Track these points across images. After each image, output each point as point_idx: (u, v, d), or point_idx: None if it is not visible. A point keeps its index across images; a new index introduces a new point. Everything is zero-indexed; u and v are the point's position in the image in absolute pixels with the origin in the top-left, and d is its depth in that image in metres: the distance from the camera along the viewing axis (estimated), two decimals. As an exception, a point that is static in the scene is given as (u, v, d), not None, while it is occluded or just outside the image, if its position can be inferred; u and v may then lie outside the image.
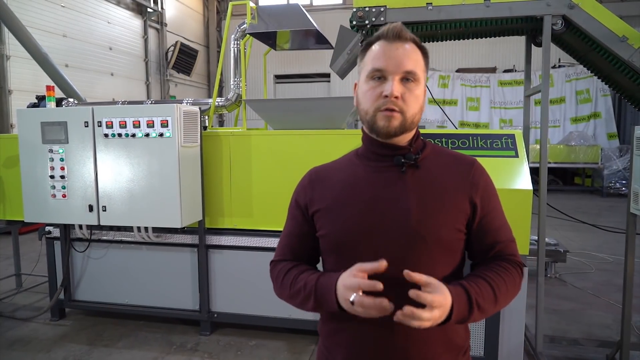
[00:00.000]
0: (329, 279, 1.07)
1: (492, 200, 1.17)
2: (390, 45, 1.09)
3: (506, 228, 1.20)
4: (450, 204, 1.11)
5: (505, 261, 1.15)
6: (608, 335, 3.59)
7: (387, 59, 1.08)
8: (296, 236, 1.24)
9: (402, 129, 1.10)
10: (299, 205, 1.23)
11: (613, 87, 3.35)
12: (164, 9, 13.07)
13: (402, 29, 1.10)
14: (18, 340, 3.58)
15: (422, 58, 1.12)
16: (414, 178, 1.13)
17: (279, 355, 3.33)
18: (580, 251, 6.09)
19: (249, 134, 3.45)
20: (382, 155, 1.15)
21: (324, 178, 1.21)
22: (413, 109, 1.10)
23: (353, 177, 1.17)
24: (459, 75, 14.06)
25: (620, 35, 2.86)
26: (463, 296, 1.01)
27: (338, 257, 1.15)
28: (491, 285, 1.07)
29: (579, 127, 13.02)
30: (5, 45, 7.98)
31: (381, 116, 1.09)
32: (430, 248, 1.08)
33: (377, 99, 1.09)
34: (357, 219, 1.11)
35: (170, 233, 3.57)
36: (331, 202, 1.16)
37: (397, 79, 1.08)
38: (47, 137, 3.32)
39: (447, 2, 3.05)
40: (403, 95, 1.08)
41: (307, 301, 1.11)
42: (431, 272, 1.04)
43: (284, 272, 1.20)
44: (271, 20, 3.58)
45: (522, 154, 2.92)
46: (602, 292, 4.59)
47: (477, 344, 2.90)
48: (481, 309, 1.04)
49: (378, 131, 1.11)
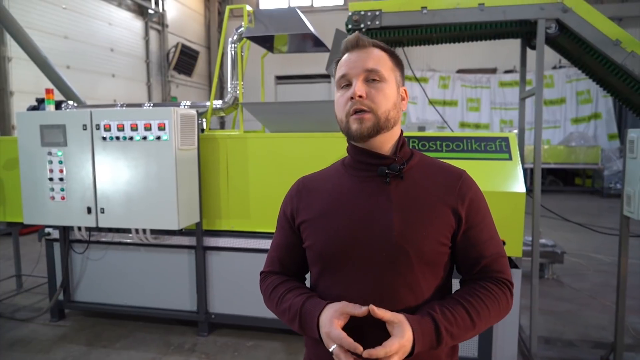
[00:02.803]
0: (313, 309, 1.07)
1: (479, 213, 1.13)
2: (351, 53, 1.12)
3: (494, 242, 1.14)
4: (434, 217, 1.09)
5: (491, 281, 1.11)
6: (603, 337, 3.60)
7: (349, 64, 1.11)
8: (284, 247, 1.24)
9: (377, 128, 1.08)
10: (286, 216, 1.23)
11: (608, 90, 3.36)
12: (165, 10, 13.12)
13: (359, 37, 1.12)
14: (18, 341, 3.61)
15: (387, 58, 1.13)
16: (398, 189, 1.11)
17: (275, 356, 3.36)
18: (578, 252, 6.10)
19: (245, 137, 3.48)
20: (367, 165, 1.14)
21: (311, 188, 1.21)
22: (384, 107, 1.08)
23: (339, 188, 1.16)
24: (459, 76, 14.08)
25: (613, 39, 2.88)
26: (429, 328, 1.00)
27: (322, 268, 1.15)
28: (468, 312, 1.05)
29: (579, 127, 13.03)
30: (7, 47, 8.03)
31: (352, 119, 1.09)
32: (412, 262, 1.06)
33: (345, 104, 1.10)
34: (340, 231, 1.10)
35: (168, 235, 3.61)
36: (317, 213, 1.15)
37: (360, 79, 1.08)
38: (46, 139, 3.36)
39: (441, 6, 3.08)
40: (369, 94, 1.08)
41: (292, 323, 1.12)
42: (414, 285, 1.06)
43: (272, 288, 1.21)
44: (268, 24, 3.61)
45: (516, 156, 2.94)
46: (598, 293, 4.61)
47: (471, 346, 2.92)
48: (454, 336, 1.02)
49: (353, 135, 1.10)
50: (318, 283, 1.18)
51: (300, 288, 1.19)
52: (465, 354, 2.93)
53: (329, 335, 1.00)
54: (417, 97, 14.16)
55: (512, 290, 1.13)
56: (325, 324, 1.01)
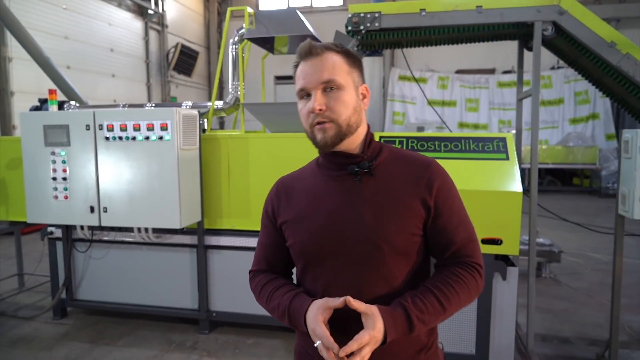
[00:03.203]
0: (299, 307, 1.13)
1: (447, 200, 1.17)
2: (305, 63, 1.15)
3: (464, 228, 1.19)
4: (404, 210, 1.14)
5: (461, 265, 1.17)
6: (599, 334, 3.65)
7: (305, 76, 1.14)
8: (269, 246, 1.30)
9: (340, 136, 1.13)
10: (268, 216, 1.29)
11: (603, 91, 3.42)
12: (164, 10, 13.15)
13: (311, 45, 1.14)
14: (21, 339, 3.65)
15: (342, 62, 1.14)
16: (368, 186, 1.16)
17: (275, 353, 3.40)
18: (576, 252, 6.16)
19: (246, 137, 3.53)
20: (337, 164, 1.19)
21: (289, 188, 1.26)
22: (344, 114, 1.12)
23: (314, 187, 1.22)
24: (458, 76, 14.14)
25: (608, 41, 2.93)
26: (401, 317, 1.07)
27: (305, 265, 1.22)
28: (438, 298, 1.11)
29: (577, 128, 13.09)
30: (8, 48, 8.06)
31: (316, 130, 1.14)
32: (385, 255, 1.12)
33: (308, 116, 1.14)
34: (319, 229, 1.16)
35: (170, 234, 3.65)
36: (296, 214, 1.21)
37: (318, 92, 1.12)
38: (49, 139, 3.40)
39: (440, 9, 3.13)
40: (328, 105, 1.12)
41: (282, 319, 1.19)
42: (388, 276, 1.14)
43: (260, 286, 1.27)
44: (269, 26, 3.66)
45: (513, 156, 2.98)
46: (595, 292, 4.66)
47: (469, 342, 2.96)
48: (425, 322, 1.10)
49: (318, 145, 1.16)
50: (304, 278, 1.24)
51: (287, 285, 1.24)
52: (463, 350, 2.98)
53: (314, 332, 1.07)
54: (416, 98, 14.22)
55: (481, 272, 1.19)
56: (310, 321, 1.08)
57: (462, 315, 2.96)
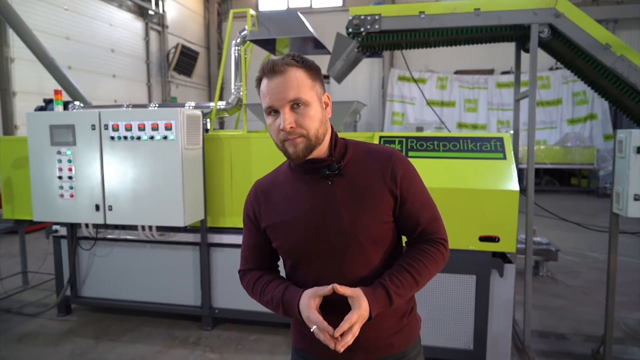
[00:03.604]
0: (292, 298, 1.25)
1: (411, 187, 1.30)
2: (270, 81, 1.20)
3: (427, 208, 1.33)
4: (375, 201, 1.27)
5: (427, 242, 1.33)
6: (595, 331, 3.72)
7: (272, 95, 1.19)
8: (254, 247, 1.41)
9: (310, 148, 1.22)
10: (250, 219, 1.40)
11: (599, 92, 3.48)
12: (165, 11, 13.22)
13: (275, 63, 1.20)
14: (26, 335, 3.71)
15: (305, 76, 1.21)
16: (340, 186, 1.28)
17: (277, 349, 3.47)
18: (573, 250, 6.23)
19: (249, 137, 3.59)
20: (310, 170, 1.29)
21: (266, 193, 1.36)
22: (313, 128, 1.21)
23: (291, 192, 1.32)
24: (457, 77, 14.22)
25: (603, 43, 3.00)
26: (381, 295, 1.22)
27: (294, 263, 1.35)
28: (411, 273, 1.27)
29: (575, 128, 13.18)
30: (10, 48, 8.12)
31: (288, 144, 1.22)
32: (363, 245, 1.27)
33: (278, 132, 1.22)
34: (300, 230, 1.29)
35: (174, 232, 3.71)
36: (278, 219, 1.32)
37: (286, 110, 1.19)
38: (55, 139, 3.46)
39: (439, 11, 3.19)
40: (297, 121, 1.19)
41: (276, 311, 1.31)
42: (368, 261, 1.29)
43: (252, 283, 1.38)
44: (270, 27, 3.72)
45: (510, 156, 3.05)
46: (591, 289, 4.73)
47: (467, 337, 3.03)
48: (402, 295, 1.25)
49: (291, 157, 1.25)
50: (294, 274, 1.36)
51: (277, 279, 1.37)
52: (461, 345, 3.04)
53: (308, 319, 1.19)
54: (415, 98, 14.30)
55: (446, 245, 1.35)
56: (304, 309, 1.21)
57: (460, 311, 3.03)
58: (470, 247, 2.93)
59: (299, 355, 1.45)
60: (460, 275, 3.00)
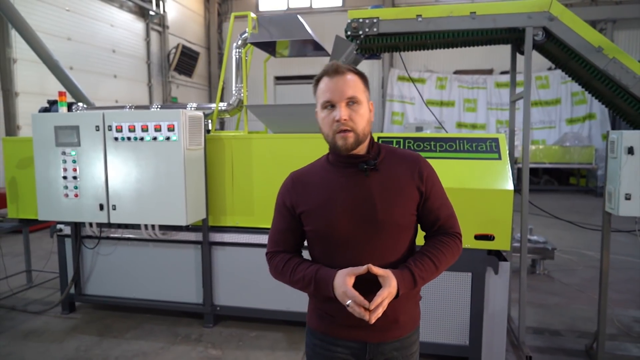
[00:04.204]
0: (326, 275, 1.39)
1: (434, 186, 1.50)
2: (332, 79, 1.40)
3: (446, 206, 1.54)
4: (404, 195, 1.45)
5: (445, 235, 1.51)
6: (589, 328, 3.79)
7: (332, 91, 1.39)
8: (287, 231, 1.54)
9: (357, 143, 1.41)
10: (286, 206, 1.52)
11: (593, 94, 3.55)
12: (165, 11, 13.28)
13: (338, 65, 1.41)
14: (32, 332, 3.79)
15: (360, 83, 1.42)
16: (375, 179, 1.45)
17: (278, 346, 3.54)
18: (570, 249, 6.30)
19: (249, 138, 3.66)
20: (349, 164, 1.46)
21: (304, 182, 1.51)
22: (361, 125, 1.40)
23: (328, 181, 1.47)
24: (456, 76, 14.27)
25: (596, 46, 3.07)
26: (408, 277, 1.38)
27: (324, 246, 1.48)
28: (432, 260, 1.44)
29: (574, 128, 13.23)
30: (12, 49, 8.18)
31: (338, 137, 1.39)
32: (392, 232, 1.44)
33: (332, 124, 1.40)
34: (336, 216, 1.43)
35: (176, 230, 3.78)
36: (315, 204, 1.46)
37: (343, 105, 1.38)
38: (60, 140, 3.53)
39: (435, 14, 3.26)
40: (350, 116, 1.38)
41: (307, 288, 1.44)
42: (396, 247, 1.45)
43: (283, 263, 1.50)
44: (271, 30, 3.79)
45: (505, 156, 3.12)
46: (587, 287, 4.80)
47: (462, 333, 3.10)
48: (424, 279, 1.43)
49: (338, 149, 1.41)
50: (326, 257, 1.47)
51: (307, 261, 1.50)
52: (457, 341, 3.12)
53: (345, 293, 1.33)
54: (414, 98, 14.36)
55: (460, 239, 1.55)
56: (339, 285, 1.35)
57: (456, 307, 3.10)
58: (466, 245, 3.00)
59: (315, 337, 1.57)
60: (456, 272, 3.07)
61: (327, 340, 1.52)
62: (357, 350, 1.49)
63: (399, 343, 1.52)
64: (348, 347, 1.50)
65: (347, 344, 1.49)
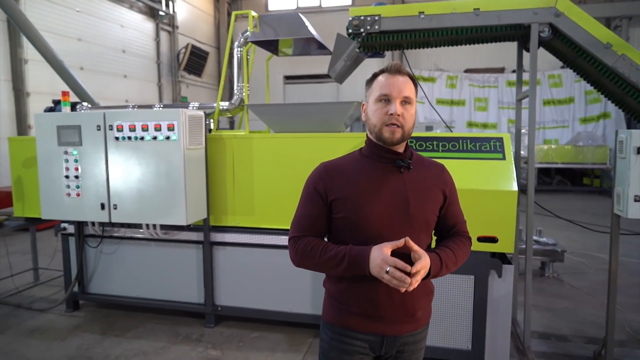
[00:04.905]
0: (361, 251, 1.44)
1: (453, 193, 1.66)
2: (393, 77, 1.51)
3: (462, 213, 1.71)
4: (432, 196, 1.58)
5: (461, 236, 1.66)
6: (599, 333, 3.68)
7: (391, 87, 1.49)
8: (316, 217, 1.58)
9: (402, 139, 1.51)
10: (318, 192, 1.56)
11: (602, 92, 3.44)
12: (175, 12, 13.35)
13: (400, 66, 1.53)
14: (36, 330, 3.82)
15: (414, 87, 1.53)
16: (408, 177, 1.55)
17: (278, 347, 3.51)
18: (581, 251, 6.16)
19: (251, 137, 3.63)
20: (384, 158, 1.55)
21: (338, 171, 1.57)
22: (409, 124, 1.51)
23: (364, 172, 1.55)
24: (467, 75, 14.10)
25: (604, 42, 2.98)
26: (437, 260, 1.48)
27: (353, 233, 1.52)
28: (454, 253, 1.56)
29: (588, 127, 12.97)
30: (24, 50, 8.29)
31: (386, 129, 1.49)
32: (419, 228, 1.54)
33: (383, 117, 1.49)
34: (370, 206, 1.50)
35: (177, 230, 3.77)
36: (348, 192, 1.53)
37: (398, 101, 1.48)
38: (62, 139, 3.54)
39: (438, 11, 3.19)
40: (403, 114, 1.48)
41: (338, 266, 1.47)
42: (418, 242, 1.49)
43: (311, 245, 1.54)
44: (272, 29, 3.75)
45: (510, 156, 3.04)
46: (597, 291, 4.67)
47: (465, 337, 3.03)
48: (448, 267, 1.53)
49: (384, 141, 1.51)
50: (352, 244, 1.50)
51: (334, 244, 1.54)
52: (459, 346, 3.05)
53: (385, 261, 1.38)
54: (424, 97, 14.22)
55: (471, 242, 1.69)
56: (378, 255, 1.40)
57: (458, 311, 3.03)
58: (469, 248, 2.93)
59: (331, 331, 1.61)
60: (458, 275, 3.01)
61: (344, 334, 1.58)
62: (374, 343, 1.56)
63: (412, 337, 1.60)
64: (365, 340, 1.56)
65: (365, 337, 1.55)
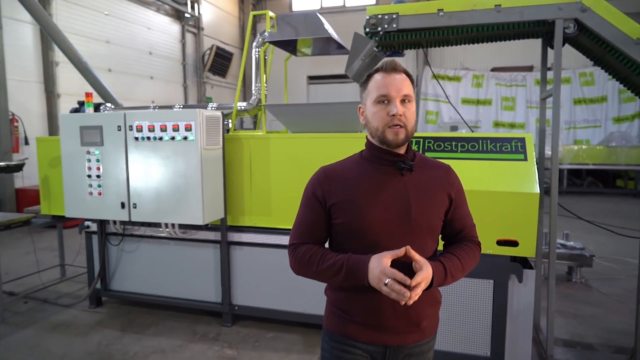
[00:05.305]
0: (359, 260, 1.38)
1: (461, 196, 1.57)
2: (389, 75, 1.43)
3: (470, 216, 1.62)
4: (435, 199, 1.49)
5: (469, 241, 1.58)
6: (627, 342, 3.51)
7: (389, 86, 1.42)
8: (315, 223, 1.52)
9: (406, 139, 1.44)
10: (316, 198, 1.51)
11: (632, 90, 3.28)
12: (200, 14, 13.57)
13: (396, 63, 1.45)
14: (60, 325, 3.93)
15: (410, 83, 1.47)
16: (409, 179, 1.47)
17: (294, 348, 3.50)
18: (612, 256, 5.90)
19: (268, 137, 3.63)
20: (386, 160, 1.48)
21: (337, 175, 1.51)
22: (412, 123, 1.44)
23: (363, 176, 1.48)
24: (493, 74, 13.77)
25: (634, 38, 2.83)
26: (440, 269, 1.40)
27: (353, 240, 1.46)
28: (460, 260, 1.48)
29: (621, 127, 12.46)
30: (55, 52, 8.58)
31: (389, 131, 1.42)
32: (422, 232, 1.46)
33: (385, 118, 1.42)
34: (368, 210, 1.43)
35: (195, 229, 3.82)
36: (346, 196, 1.46)
37: (398, 101, 1.42)
38: (85, 139, 3.64)
39: (457, 8, 3.11)
40: (404, 113, 1.42)
41: (336, 275, 1.41)
42: (421, 249, 1.41)
43: (310, 253, 1.48)
44: (289, 29, 3.75)
45: (532, 157, 2.94)
46: (628, 298, 4.46)
47: (484, 344, 2.94)
48: (453, 276, 1.45)
49: (389, 143, 1.43)
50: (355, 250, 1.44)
51: (333, 251, 1.48)
52: (477, 352, 2.96)
53: (383, 272, 1.31)
54: (450, 96, 13.97)
55: (480, 248, 1.61)
56: (376, 266, 1.33)
57: (477, 316, 2.95)
58: (488, 251, 2.84)
59: (333, 340, 1.55)
60: (477, 279, 2.92)
61: (346, 343, 1.51)
62: (376, 353, 1.50)
63: (418, 348, 1.52)
64: (367, 350, 1.50)
65: (366, 347, 1.49)
